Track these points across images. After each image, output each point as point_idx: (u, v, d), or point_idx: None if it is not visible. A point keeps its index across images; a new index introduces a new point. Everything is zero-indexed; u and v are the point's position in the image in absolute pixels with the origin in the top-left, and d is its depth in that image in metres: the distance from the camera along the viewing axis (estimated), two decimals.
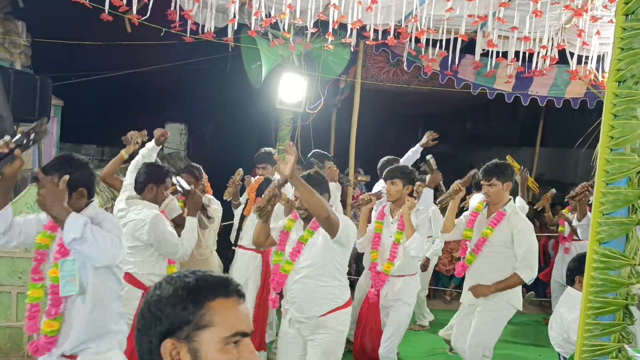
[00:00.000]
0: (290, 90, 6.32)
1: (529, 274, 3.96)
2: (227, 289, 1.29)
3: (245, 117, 10.80)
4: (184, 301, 1.25)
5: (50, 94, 5.59)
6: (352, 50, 6.45)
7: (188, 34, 5.59)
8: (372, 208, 4.52)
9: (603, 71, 6.44)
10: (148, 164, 4.00)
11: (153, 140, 4.34)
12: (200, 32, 5.70)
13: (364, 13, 5.57)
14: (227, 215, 5.28)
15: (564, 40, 6.23)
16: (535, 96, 7.03)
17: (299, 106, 6.45)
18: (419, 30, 5.79)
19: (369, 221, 4.48)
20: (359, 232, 4.26)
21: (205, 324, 1.24)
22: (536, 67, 6.27)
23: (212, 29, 5.71)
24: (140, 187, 3.77)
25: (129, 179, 3.98)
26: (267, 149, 5.25)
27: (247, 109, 10.04)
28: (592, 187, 4.47)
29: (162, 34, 5.43)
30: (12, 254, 4.51)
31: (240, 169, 5.20)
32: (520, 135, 12.92)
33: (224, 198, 5.17)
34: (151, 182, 3.74)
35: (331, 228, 3.10)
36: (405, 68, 6.64)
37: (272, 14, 5.61)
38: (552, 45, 6.13)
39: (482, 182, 4.23)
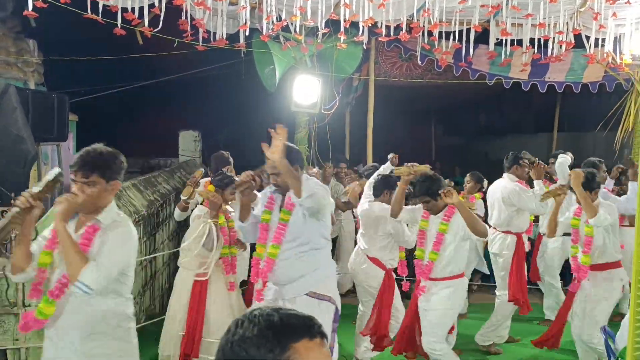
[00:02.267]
0: (305, 93, 6.29)
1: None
2: (311, 329, 1.24)
3: (259, 122, 10.79)
4: (269, 342, 1.20)
5: (67, 111, 5.62)
6: (365, 47, 6.40)
7: (200, 43, 5.58)
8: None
9: (621, 53, 6.33)
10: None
11: None
12: (212, 39, 5.68)
13: (376, 10, 5.52)
14: None
15: (579, 24, 6.14)
16: (553, 82, 6.95)
17: (314, 107, 6.42)
18: (432, 23, 5.73)
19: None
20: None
21: None
22: (552, 53, 6.18)
23: (224, 36, 5.70)
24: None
25: None
26: None
27: (261, 113, 10.04)
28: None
29: (176, 44, 5.42)
30: None
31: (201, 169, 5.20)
32: (535, 122, 12.80)
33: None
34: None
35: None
36: (419, 62, 6.57)
37: (283, 16, 5.59)
38: (568, 29, 6.04)
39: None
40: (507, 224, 5.17)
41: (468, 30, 6.05)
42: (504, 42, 6.16)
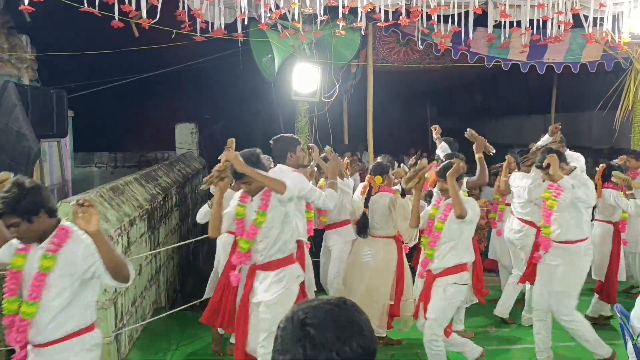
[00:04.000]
0: (305, 81, 6.25)
1: None
2: None
3: (256, 112, 10.76)
4: None
5: (66, 107, 5.55)
6: (362, 34, 6.35)
7: (198, 33, 5.52)
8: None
9: (619, 32, 6.31)
10: None
11: None
12: (210, 29, 5.62)
13: None
14: None
15: (576, 3, 6.11)
16: (552, 63, 6.93)
17: (314, 96, 6.38)
18: (431, 7, 5.69)
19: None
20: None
21: None
22: (551, 34, 6.16)
23: (223, 26, 5.64)
24: None
25: None
26: None
27: (260, 103, 9.99)
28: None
29: (174, 36, 5.36)
30: None
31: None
32: (532, 103, 12.80)
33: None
34: None
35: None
36: (419, 46, 6.53)
37: (281, 4, 5.53)
38: (567, 9, 6.02)
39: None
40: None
41: (467, 13, 6.01)
42: (502, 24, 6.14)
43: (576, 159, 5.97)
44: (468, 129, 5.40)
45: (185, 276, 7.71)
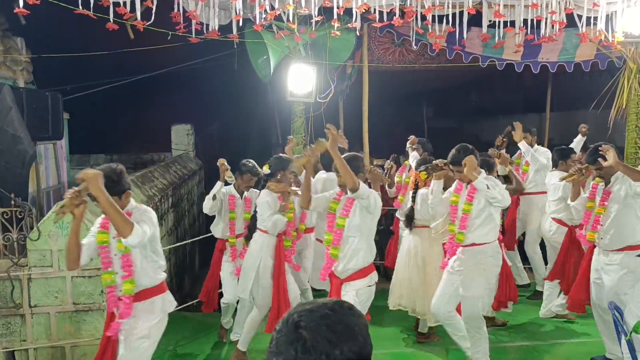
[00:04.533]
0: (300, 82, 6.26)
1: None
2: None
3: (252, 113, 10.75)
4: None
5: (61, 109, 5.56)
6: (357, 34, 6.37)
7: (193, 35, 5.53)
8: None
9: (613, 31, 6.35)
10: None
11: None
12: (205, 31, 5.63)
13: None
14: None
15: (570, 2, 6.15)
16: (546, 63, 6.96)
17: (310, 96, 6.39)
18: (426, 8, 5.71)
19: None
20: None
21: None
22: (545, 34, 6.19)
23: (217, 27, 5.65)
24: None
25: None
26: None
27: (256, 103, 9.99)
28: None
29: (169, 37, 5.37)
30: (46, 274, 4.51)
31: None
32: (527, 102, 12.83)
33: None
34: None
35: None
36: (413, 47, 6.55)
37: (276, 6, 5.54)
38: (560, 9, 6.05)
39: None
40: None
41: (461, 13, 6.04)
42: (496, 24, 6.16)
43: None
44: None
45: (181, 277, 7.72)
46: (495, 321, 5.47)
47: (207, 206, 5.01)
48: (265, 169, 4.62)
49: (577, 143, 6.58)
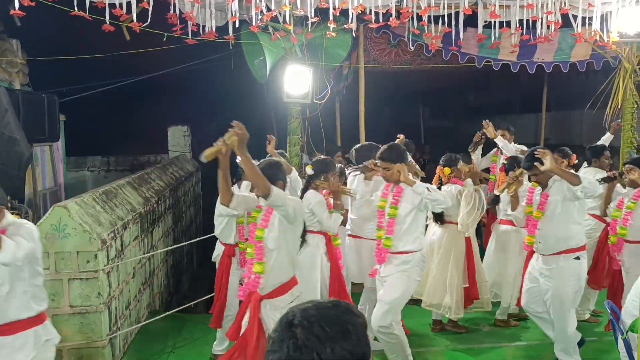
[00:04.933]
0: (296, 83, 6.26)
1: None
2: None
3: (248, 114, 10.74)
4: None
5: (57, 111, 5.55)
6: (354, 35, 6.38)
7: (190, 36, 5.53)
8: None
9: (608, 31, 6.37)
10: None
11: None
12: (201, 32, 5.63)
13: None
14: None
15: (565, 3, 6.17)
16: (541, 63, 6.98)
17: (306, 97, 6.39)
18: (422, 9, 5.72)
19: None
20: None
21: None
22: (541, 34, 6.20)
23: (213, 29, 5.65)
24: None
25: None
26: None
27: (253, 104, 9.98)
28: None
29: (165, 39, 5.37)
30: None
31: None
32: (523, 102, 12.88)
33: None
34: None
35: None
36: (409, 47, 6.56)
37: (272, 7, 5.55)
38: (556, 9, 6.07)
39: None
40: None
41: (457, 13, 6.05)
42: (492, 24, 6.18)
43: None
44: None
45: (179, 278, 7.72)
46: (509, 323, 5.52)
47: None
48: (309, 170, 4.62)
49: (606, 140, 6.56)
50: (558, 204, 4.21)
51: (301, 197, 4.58)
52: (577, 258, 4.25)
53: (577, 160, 5.92)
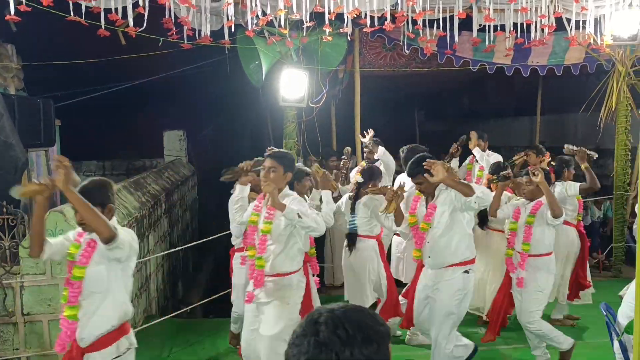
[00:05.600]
0: (292, 87, 6.27)
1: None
2: None
3: (244, 118, 10.75)
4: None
5: (53, 116, 5.55)
6: (349, 39, 6.40)
7: (185, 41, 5.53)
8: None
9: (601, 34, 6.41)
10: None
11: None
12: (197, 37, 5.64)
13: (360, 0, 5.52)
14: None
15: (559, 6, 6.20)
16: (536, 66, 7.02)
17: (302, 101, 6.40)
18: (417, 12, 5.74)
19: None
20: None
21: None
22: (535, 37, 6.24)
23: (209, 33, 5.65)
24: None
25: None
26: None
27: (246, 109, 9.99)
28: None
29: (160, 44, 5.37)
30: (39, 282, 4.49)
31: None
32: (518, 105, 12.92)
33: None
34: None
35: None
36: (405, 51, 6.58)
37: (267, 11, 5.56)
38: (549, 13, 6.10)
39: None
40: None
41: (451, 17, 6.07)
42: (487, 28, 6.20)
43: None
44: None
45: (175, 283, 7.70)
46: (564, 322, 5.68)
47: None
48: (358, 178, 5.08)
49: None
50: (446, 215, 3.95)
51: (353, 205, 4.99)
52: (467, 272, 4.02)
53: (550, 159, 5.94)
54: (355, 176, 5.04)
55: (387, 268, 5.16)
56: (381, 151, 6.01)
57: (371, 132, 6.12)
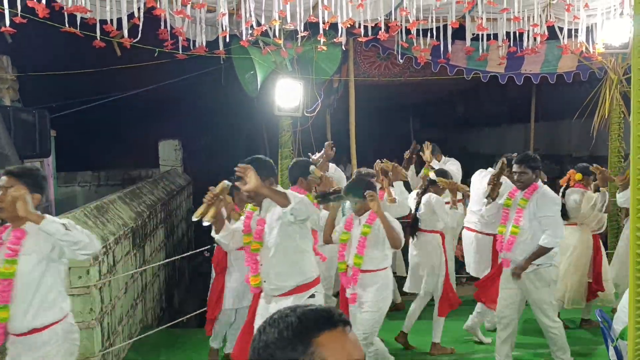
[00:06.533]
0: (287, 96, 6.30)
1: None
2: (330, 320, 1.26)
3: (239, 127, 10.78)
4: (291, 342, 1.23)
5: (48, 127, 5.54)
6: (343, 49, 6.44)
7: (180, 51, 5.56)
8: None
9: (593, 42, 6.48)
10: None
11: None
12: (192, 47, 5.67)
13: (354, 10, 5.57)
14: None
15: (552, 15, 6.27)
16: (529, 74, 7.08)
17: (297, 111, 6.43)
18: (410, 22, 5.79)
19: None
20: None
21: None
22: (527, 46, 6.30)
23: (204, 43, 5.69)
24: None
25: None
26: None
27: (242, 119, 10.02)
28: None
29: (156, 54, 5.39)
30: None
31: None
32: (512, 113, 13.00)
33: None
34: None
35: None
36: (399, 60, 6.63)
37: (262, 21, 5.60)
38: (542, 22, 6.17)
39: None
40: None
41: (445, 26, 6.13)
42: (480, 37, 6.26)
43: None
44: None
45: (171, 293, 7.68)
46: (592, 323, 5.76)
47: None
48: (432, 174, 5.31)
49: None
50: (275, 231, 3.41)
51: (419, 199, 5.22)
52: (312, 296, 3.48)
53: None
54: (430, 174, 5.34)
55: (448, 263, 5.32)
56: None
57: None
